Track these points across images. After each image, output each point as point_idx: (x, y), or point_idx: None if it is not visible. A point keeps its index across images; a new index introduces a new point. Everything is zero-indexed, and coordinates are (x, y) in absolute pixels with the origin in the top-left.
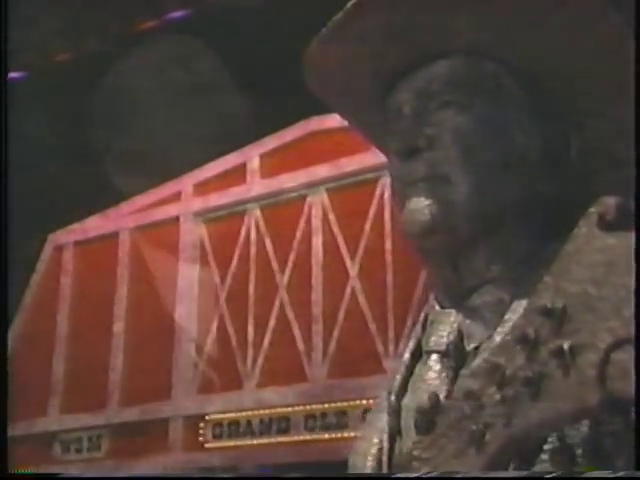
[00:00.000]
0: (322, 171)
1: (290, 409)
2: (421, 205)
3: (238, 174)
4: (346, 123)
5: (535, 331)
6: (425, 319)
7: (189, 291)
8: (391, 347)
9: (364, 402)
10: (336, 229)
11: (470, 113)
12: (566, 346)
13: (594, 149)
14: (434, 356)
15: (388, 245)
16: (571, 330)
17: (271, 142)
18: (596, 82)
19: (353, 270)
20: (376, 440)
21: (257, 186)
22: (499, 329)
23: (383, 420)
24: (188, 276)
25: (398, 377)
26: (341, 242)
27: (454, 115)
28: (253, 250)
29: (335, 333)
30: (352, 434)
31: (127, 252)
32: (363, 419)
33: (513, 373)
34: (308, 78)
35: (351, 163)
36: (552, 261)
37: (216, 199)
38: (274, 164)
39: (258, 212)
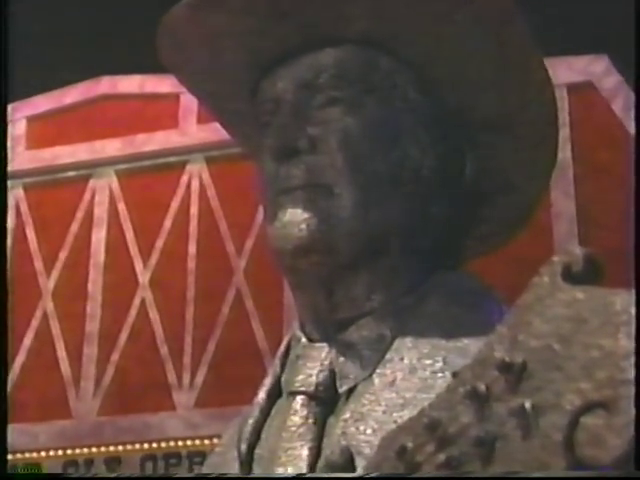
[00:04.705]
0: (112, 148)
1: (43, 454)
2: (298, 218)
3: None
4: (147, 90)
5: (487, 387)
6: (286, 353)
7: None
8: (186, 377)
9: (145, 446)
10: (126, 223)
11: (360, 114)
12: (528, 405)
13: (488, 170)
14: (300, 398)
15: (192, 248)
16: (530, 388)
17: (44, 102)
18: (498, 94)
19: (144, 277)
20: None
21: (21, 158)
22: (379, 370)
23: (231, 472)
24: None
25: (250, 421)
26: (131, 240)
27: (342, 115)
28: (10, 241)
29: (114, 356)
30: None
31: None
32: (142, 468)
33: (459, 431)
34: (163, 49)
35: (151, 141)
36: (436, 293)
37: None
38: (47, 132)
39: (20, 192)
